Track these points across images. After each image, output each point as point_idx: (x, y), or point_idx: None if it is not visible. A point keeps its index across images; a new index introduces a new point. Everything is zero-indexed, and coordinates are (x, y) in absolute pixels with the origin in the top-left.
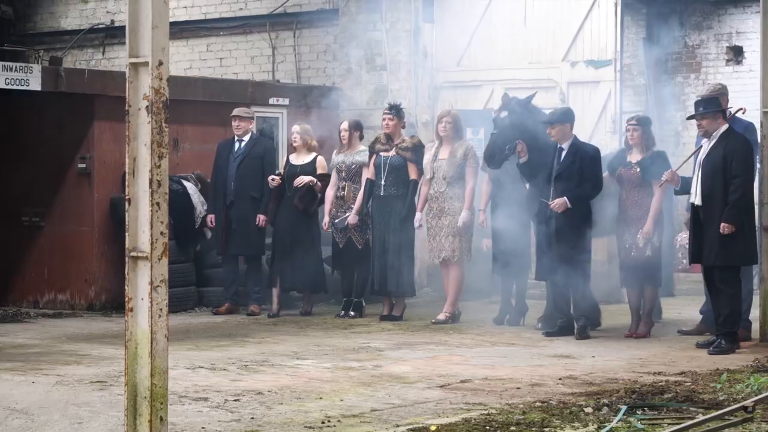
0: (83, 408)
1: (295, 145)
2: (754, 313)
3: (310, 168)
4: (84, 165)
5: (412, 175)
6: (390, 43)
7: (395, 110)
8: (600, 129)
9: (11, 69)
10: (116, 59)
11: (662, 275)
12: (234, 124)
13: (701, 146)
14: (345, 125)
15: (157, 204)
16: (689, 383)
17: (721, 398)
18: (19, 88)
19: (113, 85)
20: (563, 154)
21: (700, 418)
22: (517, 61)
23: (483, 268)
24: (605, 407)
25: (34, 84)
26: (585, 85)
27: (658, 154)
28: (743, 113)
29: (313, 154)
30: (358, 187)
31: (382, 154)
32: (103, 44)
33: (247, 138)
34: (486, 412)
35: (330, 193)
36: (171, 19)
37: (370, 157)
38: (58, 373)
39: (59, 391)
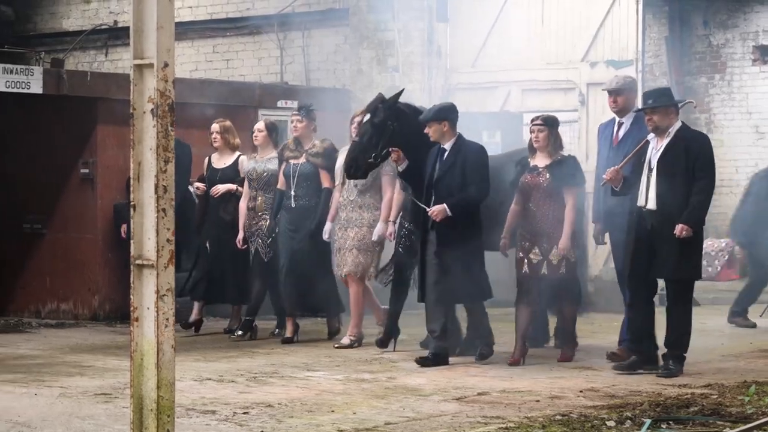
0: (87, 421)
1: (215, 145)
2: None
3: (231, 171)
4: (87, 170)
5: (325, 183)
6: (402, 43)
7: (305, 111)
8: None
9: (12, 71)
10: (120, 61)
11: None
12: None
13: (647, 141)
14: (261, 125)
15: (164, 210)
16: (716, 396)
17: (749, 411)
18: (20, 91)
19: (116, 88)
20: (445, 154)
21: None
22: (534, 61)
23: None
24: (628, 421)
25: (36, 87)
26: None
27: (570, 158)
28: (695, 107)
29: (236, 154)
30: (272, 196)
31: (291, 161)
32: (106, 45)
33: None
34: (504, 425)
35: (243, 205)
36: (176, 20)
37: (280, 164)
38: (61, 385)
39: (62, 404)
